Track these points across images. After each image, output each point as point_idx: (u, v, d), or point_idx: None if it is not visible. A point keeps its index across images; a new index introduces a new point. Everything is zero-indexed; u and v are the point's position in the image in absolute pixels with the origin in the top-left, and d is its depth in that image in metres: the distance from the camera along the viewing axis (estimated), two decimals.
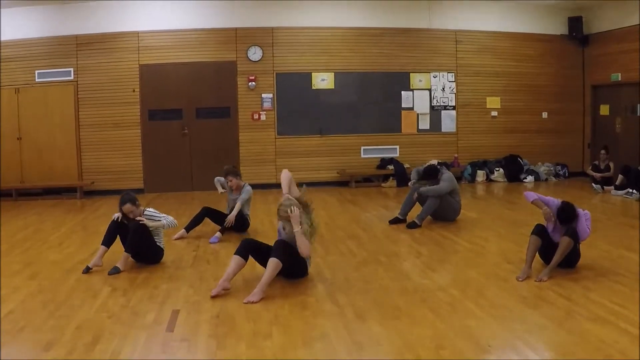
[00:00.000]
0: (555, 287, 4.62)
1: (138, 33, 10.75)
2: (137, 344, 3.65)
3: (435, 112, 11.82)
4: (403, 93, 11.66)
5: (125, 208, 5.49)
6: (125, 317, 4.16)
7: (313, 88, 11.38)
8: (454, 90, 11.83)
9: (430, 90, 11.75)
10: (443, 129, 11.86)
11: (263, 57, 11.12)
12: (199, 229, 6.99)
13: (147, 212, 5.59)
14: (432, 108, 11.79)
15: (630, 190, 9.24)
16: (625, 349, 3.41)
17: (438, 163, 10.02)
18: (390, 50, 11.51)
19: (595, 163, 10.57)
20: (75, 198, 10.50)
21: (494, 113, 12.03)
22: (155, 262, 5.62)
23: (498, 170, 11.72)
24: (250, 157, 11.20)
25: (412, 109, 11.72)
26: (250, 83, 11.10)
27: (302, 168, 11.17)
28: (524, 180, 11.56)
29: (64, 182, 10.68)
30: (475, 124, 11.97)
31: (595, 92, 12.04)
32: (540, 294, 4.48)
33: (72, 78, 10.67)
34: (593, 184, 10.18)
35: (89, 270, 5.28)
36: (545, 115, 12.20)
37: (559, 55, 12.10)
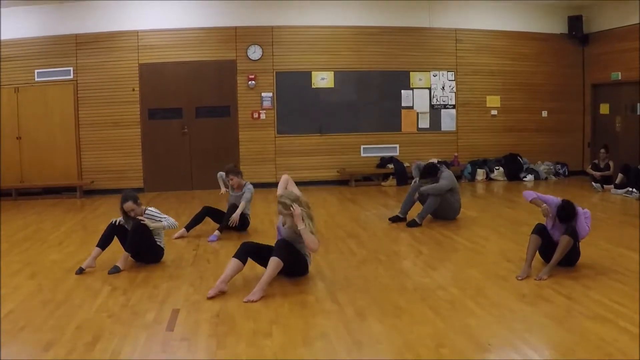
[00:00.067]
0: (555, 285, 4.63)
1: (137, 32, 10.74)
2: (137, 344, 3.65)
3: (435, 111, 11.81)
4: (403, 92, 11.66)
5: (127, 206, 5.48)
6: (125, 316, 4.16)
7: (313, 87, 11.37)
8: (454, 89, 11.83)
9: (430, 89, 11.74)
10: (443, 128, 11.86)
11: (263, 56, 11.12)
12: (199, 228, 6.99)
13: (148, 211, 5.59)
14: (432, 107, 11.78)
15: (630, 189, 9.24)
16: (625, 348, 3.41)
17: (438, 162, 10.01)
18: (390, 49, 11.50)
19: (595, 162, 10.56)
20: (75, 197, 10.49)
21: (494, 112, 12.03)
22: (156, 261, 5.62)
23: (498, 169, 11.72)
24: (250, 156, 11.20)
25: (412, 108, 11.72)
26: (250, 82, 11.10)
27: (302, 167, 11.19)
28: (524, 179, 11.56)
29: (64, 181, 10.68)
30: (475, 123, 11.96)
31: (595, 91, 12.03)
32: (540, 293, 4.48)
33: (71, 77, 10.66)
34: (593, 183, 10.18)
35: (82, 272, 5.26)
36: (545, 114, 12.19)
37: (559, 54, 12.09)
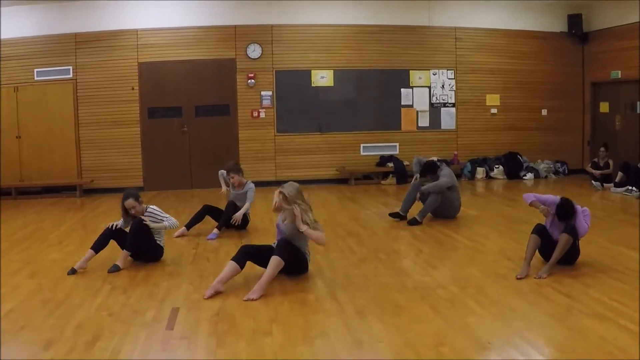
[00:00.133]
0: (555, 284, 4.63)
1: (137, 31, 10.73)
2: (137, 342, 3.65)
3: (435, 109, 11.81)
4: (402, 90, 11.65)
5: (128, 203, 5.47)
6: (125, 315, 4.16)
7: (312, 85, 11.36)
8: (454, 88, 11.82)
9: (430, 88, 11.73)
10: (443, 127, 11.85)
11: (262, 54, 11.11)
12: (199, 227, 6.99)
13: (150, 209, 5.58)
14: (431, 105, 11.78)
15: (630, 188, 9.25)
16: (625, 346, 3.42)
17: (438, 160, 10.01)
18: (390, 48, 11.49)
19: (595, 160, 10.56)
20: (75, 196, 10.48)
21: (494, 110, 12.02)
22: (155, 260, 5.62)
23: (498, 168, 11.72)
24: (250, 154, 11.19)
25: (411, 107, 11.71)
26: (250, 81, 11.09)
27: (301, 165, 11.19)
28: (524, 178, 11.55)
29: (64, 180, 10.67)
30: (475, 121, 11.96)
31: (595, 89, 12.03)
32: (540, 291, 4.49)
33: (71, 76, 10.65)
34: (592, 181, 10.18)
35: (74, 272, 5.23)
36: (545, 113, 12.19)
37: (559, 53, 12.08)
